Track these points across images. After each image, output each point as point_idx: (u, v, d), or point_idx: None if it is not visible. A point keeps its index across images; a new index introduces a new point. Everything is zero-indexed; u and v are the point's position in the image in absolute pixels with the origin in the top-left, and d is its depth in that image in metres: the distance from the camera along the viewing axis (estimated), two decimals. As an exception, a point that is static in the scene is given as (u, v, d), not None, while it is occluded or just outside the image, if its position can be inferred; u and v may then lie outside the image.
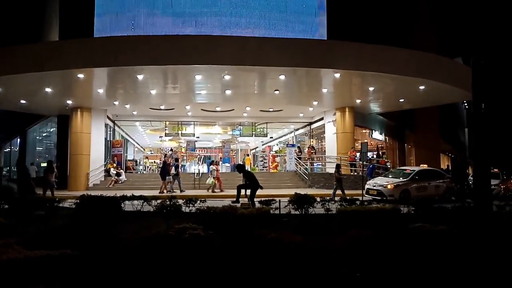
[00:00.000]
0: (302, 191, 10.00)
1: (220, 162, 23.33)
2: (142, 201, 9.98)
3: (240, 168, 12.31)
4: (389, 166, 21.75)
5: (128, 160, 24.87)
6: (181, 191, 17.63)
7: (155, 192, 15.92)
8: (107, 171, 20.64)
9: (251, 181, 11.22)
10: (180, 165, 19.72)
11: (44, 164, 25.45)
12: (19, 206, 10.03)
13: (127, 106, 20.46)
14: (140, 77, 14.91)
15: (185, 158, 27.62)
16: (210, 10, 20.21)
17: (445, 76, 16.21)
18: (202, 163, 22.50)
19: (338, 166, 15.95)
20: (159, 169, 28.04)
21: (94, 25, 20.38)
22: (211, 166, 18.81)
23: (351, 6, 22.07)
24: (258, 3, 20.49)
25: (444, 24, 30.28)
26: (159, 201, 9.22)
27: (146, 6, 20.25)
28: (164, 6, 20.12)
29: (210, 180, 18.23)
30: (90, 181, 19.64)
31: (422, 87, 16.79)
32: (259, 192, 11.28)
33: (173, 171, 18.02)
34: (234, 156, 33.12)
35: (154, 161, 29.79)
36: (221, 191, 17.97)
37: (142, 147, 35.36)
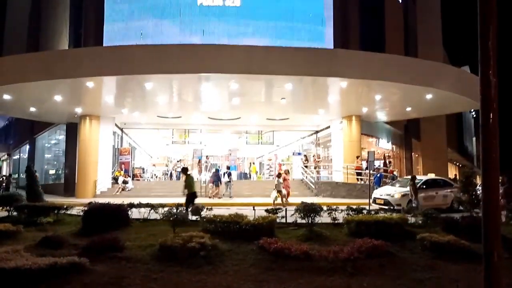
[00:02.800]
0: (309, 200, 9.98)
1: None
2: (149, 208, 10.05)
3: (183, 171, 12.50)
4: (396, 175, 21.63)
5: (136, 167, 25.01)
6: (230, 197, 18.51)
7: (162, 200, 15.94)
8: (114, 179, 20.77)
9: (188, 187, 11.22)
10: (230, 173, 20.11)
11: (52, 172, 25.79)
12: (27, 213, 10.13)
13: (135, 114, 20.64)
14: (148, 85, 15.06)
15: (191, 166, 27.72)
16: (217, 19, 20.44)
17: (452, 85, 16.15)
18: (209, 171, 22.49)
19: (413, 178, 14.21)
20: (166, 176, 28.40)
21: (103, 33, 20.67)
22: (277, 178, 15.76)
23: (358, 16, 22.20)
24: (265, 13, 20.67)
25: (452, 33, 30.28)
26: (166, 209, 9.26)
27: (155, 15, 20.54)
28: (172, 15, 20.39)
29: (273, 195, 15.26)
30: (97, 188, 19.76)
31: (429, 96, 16.73)
32: (266, 200, 11.27)
33: (226, 178, 18.94)
34: (240, 164, 33.15)
35: (173, 169, 29.12)
36: (286, 203, 14.71)
37: (149, 155, 35.54)
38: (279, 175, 16.14)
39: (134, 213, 9.92)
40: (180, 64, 13.86)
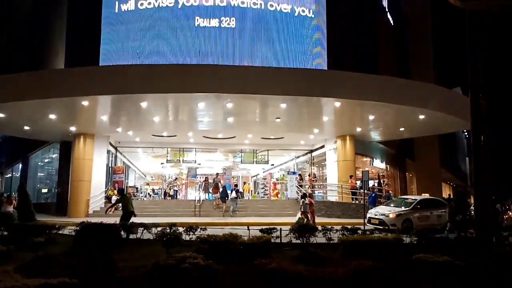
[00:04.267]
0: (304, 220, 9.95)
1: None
2: (142, 228, 9.94)
3: (119, 192, 13.43)
4: (391, 195, 21.68)
5: (129, 186, 24.82)
6: (234, 212, 19.03)
7: (156, 220, 15.79)
8: (107, 198, 20.56)
9: (124, 207, 11.76)
10: (238, 190, 21.05)
11: (45, 190, 25.49)
12: (18, 232, 9.97)
13: (130, 132, 20.63)
14: (143, 104, 15.13)
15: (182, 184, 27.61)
16: (213, 40, 20.71)
17: (444, 105, 16.41)
18: (204, 190, 22.37)
19: (450, 201, 13.66)
20: (158, 194, 28.16)
21: (99, 53, 20.85)
22: (303, 199, 14.92)
23: (351, 38, 22.66)
24: (260, 35, 20.97)
25: (444, 54, 30.97)
26: (159, 228, 9.18)
27: (151, 36, 20.77)
28: (168, 36, 20.63)
29: (297, 217, 14.36)
30: (90, 207, 19.52)
31: (421, 117, 16.95)
32: (261, 220, 11.22)
33: (234, 194, 19.45)
34: (235, 183, 33.00)
35: (168, 187, 28.82)
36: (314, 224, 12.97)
37: (143, 174, 35.34)
38: (304, 196, 15.22)
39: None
40: (176, 84, 13.99)
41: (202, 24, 20.67)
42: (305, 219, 13.68)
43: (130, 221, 10.99)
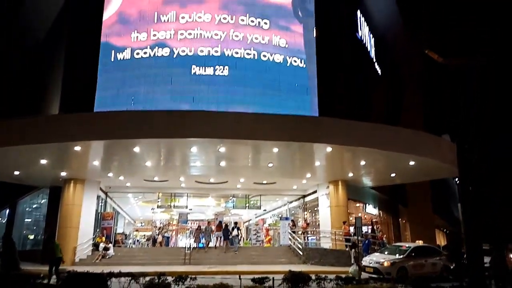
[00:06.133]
0: (297, 268, 9.76)
1: (213, 235, 22.89)
2: (130, 278, 9.59)
3: (48, 238, 14.35)
4: (385, 242, 21.40)
5: (118, 233, 24.22)
6: (236, 251, 20.19)
7: (144, 268, 15.29)
8: (95, 245, 19.97)
9: (51, 253, 12.86)
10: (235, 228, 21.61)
11: (31, 237, 24.72)
12: (1, 282, 9.58)
13: (121, 177, 20.48)
14: (136, 149, 15.17)
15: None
16: (207, 87, 21.24)
17: (433, 152, 16.73)
18: (195, 239, 21.92)
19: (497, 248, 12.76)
20: (149, 242, 27.38)
21: (95, 99, 21.17)
22: (353, 249, 14.06)
23: (341, 86, 23.43)
24: (252, 82, 21.63)
25: (433, 102, 31.91)
26: (147, 278, 8.89)
27: (146, 83, 21.28)
28: (163, 84, 21.16)
29: (353, 268, 13.18)
30: (76, 255, 18.89)
31: (412, 163, 17.18)
32: (252, 269, 10.96)
33: (235, 232, 20.79)
34: (235, 222, 32.44)
35: (159, 233, 28.07)
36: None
37: (132, 219, 34.61)
38: (354, 246, 14.81)
39: (114, 283, 9.44)
40: (169, 129, 14.17)
41: (198, 72, 21.29)
42: (359, 269, 13.06)
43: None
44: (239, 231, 21.57)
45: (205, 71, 21.33)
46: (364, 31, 28.28)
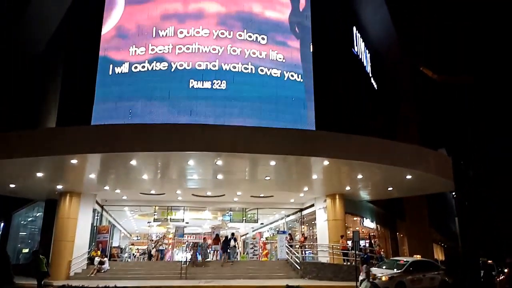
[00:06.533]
0: (294, 282, 9.70)
1: (210, 249, 22.72)
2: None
3: (33, 253, 14.30)
4: (383, 256, 21.30)
5: (113, 247, 23.98)
6: (232, 262, 20.44)
7: (140, 283, 15.19)
8: (90, 259, 19.75)
9: (36, 268, 13.05)
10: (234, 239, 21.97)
11: (26, 250, 24.42)
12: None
13: (118, 191, 20.39)
14: (133, 162, 15.15)
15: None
16: (205, 100, 21.36)
17: (430, 166, 16.82)
18: (191, 250, 21.79)
19: None
20: (144, 256, 27.08)
21: (92, 112, 21.20)
22: (365, 266, 13.44)
23: (338, 101, 23.64)
24: (250, 96, 21.80)
25: (428, 116, 32.13)
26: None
27: (144, 96, 21.36)
28: (161, 97, 21.26)
29: (364, 285, 12.92)
30: (71, 269, 18.64)
31: (408, 177, 17.23)
32: (250, 283, 10.88)
33: (233, 243, 20.93)
34: (232, 232, 32.17)
35: (155, 246, 27.93)
36: None
37: (128, 233, 34.31)
38: (365, 261, 14.20)
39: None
40: (167, 142, 14.20)
41: (196, 86, 21.43)
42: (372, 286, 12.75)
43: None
44: (236, 242, 21.56)
45: (203, 85, 21.46)
46: (360, 47, 28.69)
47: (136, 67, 21.73)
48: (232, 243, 21.06)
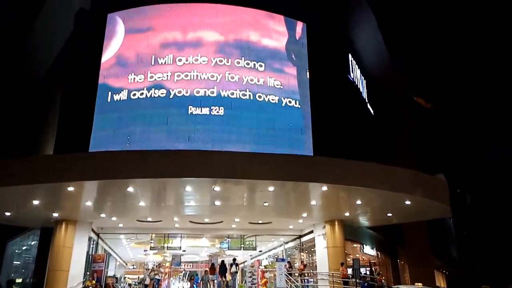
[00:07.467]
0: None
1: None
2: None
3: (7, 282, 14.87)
4: (384, 284, 20.86)
5: (108, 276, 23.44)
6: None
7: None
8: (84, 289, 19.27)
9: None
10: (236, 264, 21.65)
11: (19, 281, 23.83)
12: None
13: (114, 218, 20.13)
14: (130, 189, 15.04)
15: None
16: (203, 126, 21.45)
17: (428, 192, 16.75)
18: (188, 280, 21.35)
19: None
20: (140, 286, 26.41)
21: (90, 139, 21.22)
22: None
23: (335, 126, 23.80)
24: (247, 122, 21.92)
25: (425, 141, 32.31)
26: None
27: (142, 123, 21.46)
28: (159, 123, 21.34)
29: None
30: (64, 301, 18.18)
31: (407, 202, 17.13)
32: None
33: (234, 268, 20.69)
34: (233, 257, 31.55)
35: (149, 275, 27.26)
36: None
37: (124, 262, 33.64)
38: None
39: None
40: (165, 169, 14.15)
41: (194, 112, 21.57)
42: None
43: None
44: (237, 267, 21.11)
45: (201, 111, 21.59)
46: (355, 73, 29.19)
47: (134, 94, 21.92)
48: (233, 268, 20.60)
